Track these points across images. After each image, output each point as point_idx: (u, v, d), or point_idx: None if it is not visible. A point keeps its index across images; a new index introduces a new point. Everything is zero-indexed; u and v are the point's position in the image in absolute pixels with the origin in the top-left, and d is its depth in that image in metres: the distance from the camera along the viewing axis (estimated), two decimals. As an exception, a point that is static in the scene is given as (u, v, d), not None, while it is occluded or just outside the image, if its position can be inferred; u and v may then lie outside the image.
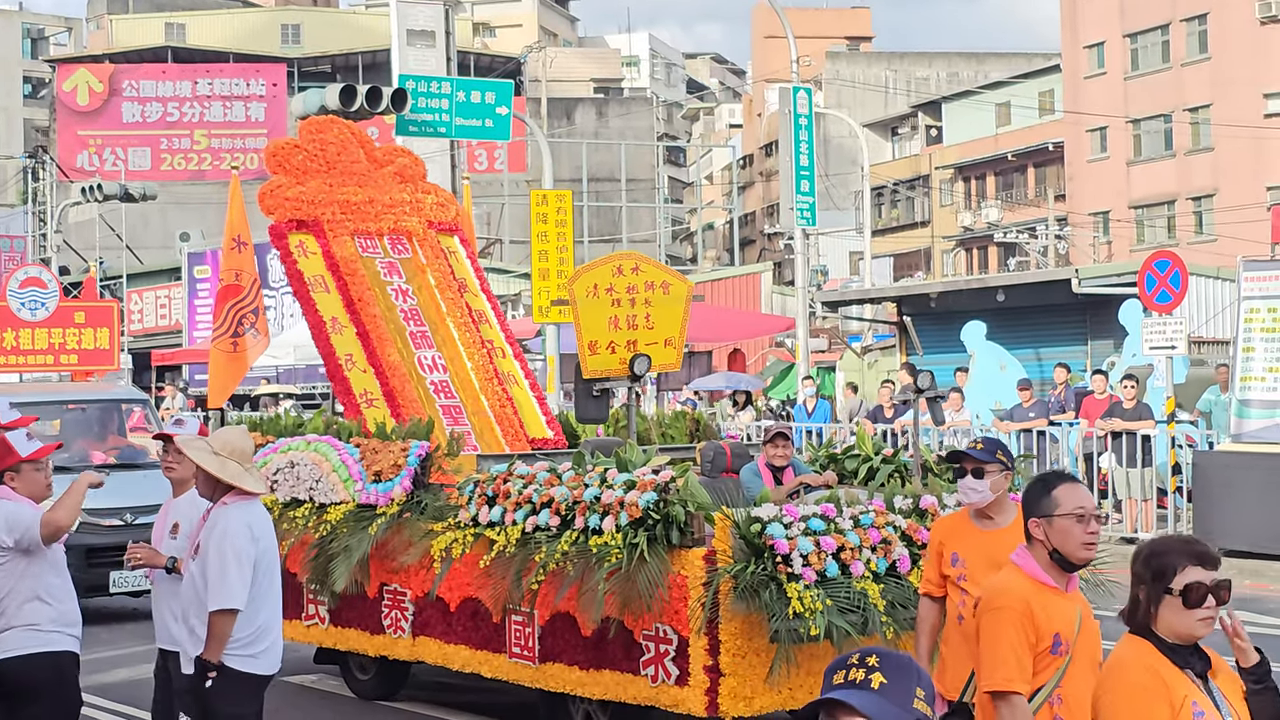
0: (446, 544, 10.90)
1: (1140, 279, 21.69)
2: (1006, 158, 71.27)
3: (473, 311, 14.18)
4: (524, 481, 10.51)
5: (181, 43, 79.08)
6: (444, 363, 13.66)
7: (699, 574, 9.29)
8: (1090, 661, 5.95)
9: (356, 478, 11.75)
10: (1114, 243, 61.57)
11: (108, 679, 14.25)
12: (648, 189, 76.47)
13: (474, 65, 69.76)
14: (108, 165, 70.13)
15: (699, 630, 9.25)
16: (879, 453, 11.86)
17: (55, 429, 18.46)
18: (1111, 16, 61.16)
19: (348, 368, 13.14)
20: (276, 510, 12.28)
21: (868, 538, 9.32)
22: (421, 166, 15.04)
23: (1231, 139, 55.60)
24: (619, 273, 12.99)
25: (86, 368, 22.22)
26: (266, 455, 12.64)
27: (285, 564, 12.01)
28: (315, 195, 13.94)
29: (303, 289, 13.48)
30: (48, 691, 8.41)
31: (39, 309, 21.78)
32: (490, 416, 13.49)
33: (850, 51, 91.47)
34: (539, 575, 10.15)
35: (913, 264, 75.34)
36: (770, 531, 8.99)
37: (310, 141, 14.25)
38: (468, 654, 11.12)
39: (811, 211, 37.14)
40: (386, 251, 14.16)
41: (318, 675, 13.76)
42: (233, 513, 8.04)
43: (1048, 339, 33.54)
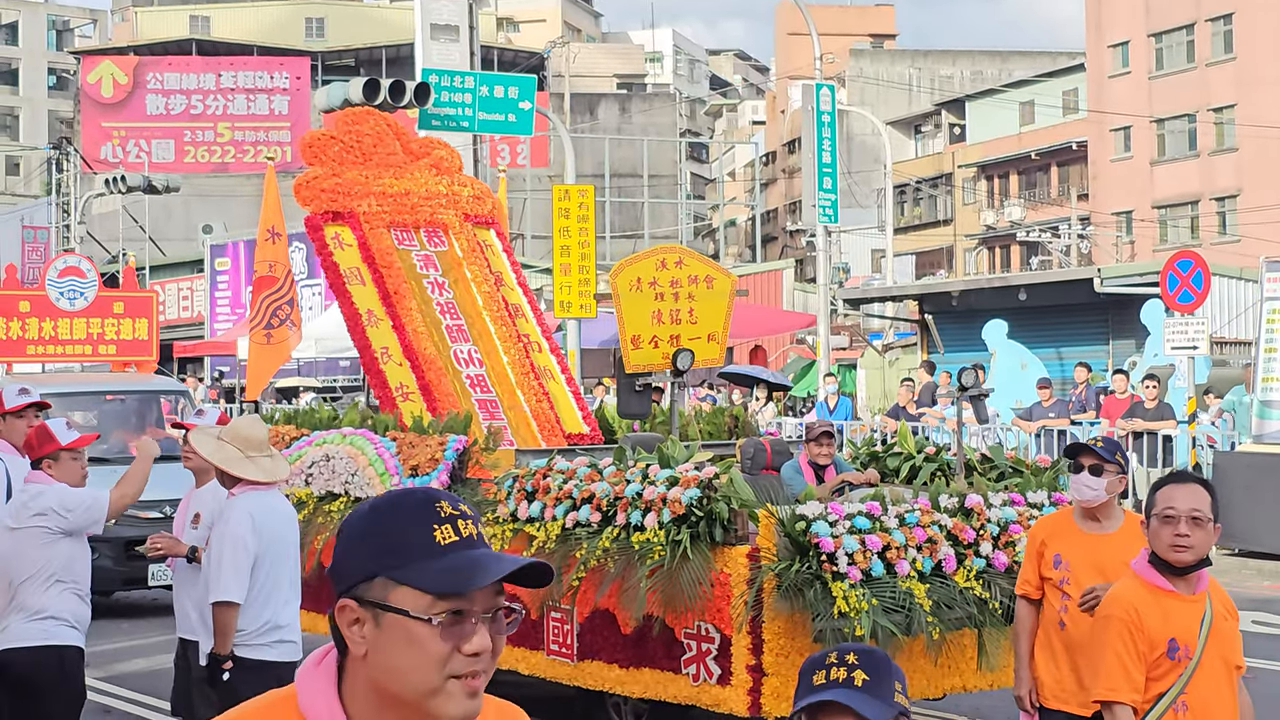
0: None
1: (1162, 279, 21.67)
2: (1030, 156, 71.13)
3: (509, 305, 14.10)
4: (564, 477, 10.42)
5: (206, 35, 79.23)
6: (480, 357, 13.58)
7: (742, 572, 9.20)
8: (1224, 665, 5.85)
9: (393, 471, 11.63)
10: (1137, 243, 61.46)
11: (127, 668, 14.28)
12: (670, 185, 76.48)
13: (497, 60, 69.76)
14: (131, 157, 70.32)
15: (742, 629, 9.17)
16: (921, 451, 11.78)
17: (93, 420, 18.51)
18: (1136, 16, 61.03)
19: (384, 361, 13.06)
20: (311, 504, 12.26)
21: (913, 537, 9.23)
22: (458, 159, 14.98)
23: (1256, 139, 55.45)
24: (662, 266, 12.90)
25: (125, 358, 22.11)
26: (301, 449, 12.56)
27: (321, 558, 12.06)
28: (351, 187, 13.87)
29: (338, 281, 13.41)
30: (50, 687, 8.42)
31: (78, 299, 21.64)
32: (526, 411, 13.40)
33: (874, 49, 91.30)
34: (579, 572, 10.07)
35: (935, 262, 75.21)
36: (815, 529, 8.90)
37: (346, 133, 14.18)
38: (504, 651, 10.89)
39: (834, 208, 37.13)
40: (423, 244, 14.08)
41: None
42: (237, 504, 8.11)
43: (1069, 338, 33.54)
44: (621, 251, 70.14)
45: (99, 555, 15.88)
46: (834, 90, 39.57)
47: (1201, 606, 5.79)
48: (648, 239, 68.72)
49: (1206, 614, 5.78)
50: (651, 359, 12.70)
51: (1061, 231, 62.61)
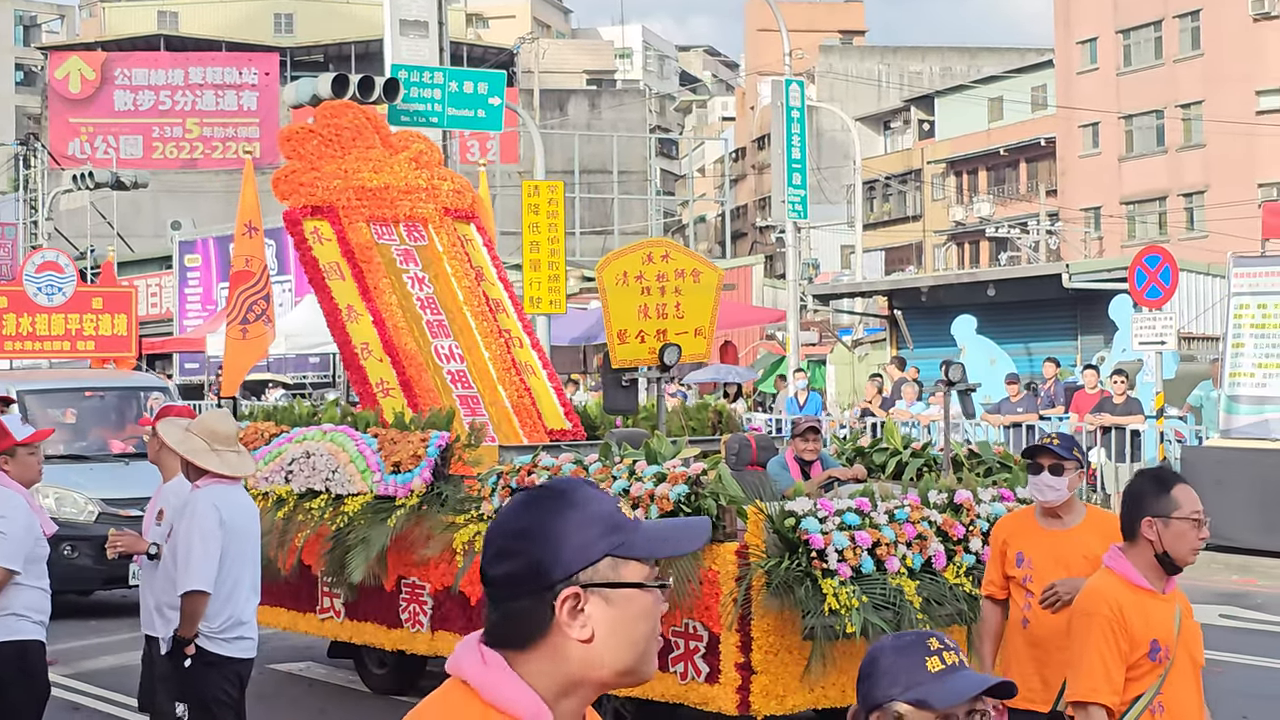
0: (469, 537, 10.64)
1: (1130, 274, 21.74)
2: (998, 152, 71.31)
3: (490, 300, 13.99)
4: (549, 473, 10.29)
5: (174, 31, 78.93)
6: (461, 352, 13.47)
7: (731, 569, 9.13)
8: (1192, 665, 5.80)
9: (374, 468, 11.52)
10: (1105, 238, 61.65)
11: (95, 666, 14.24)
12: (640, 181, 76.40)
13: (467, 56, 69.59)
14: (99, 153, 70.01)
15: (731, 627, 9.09)
16: (907, 446, 11.73)
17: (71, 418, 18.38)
18: (1104, 12, 61.22)
19: (364, 356, 12.96)
20: (292, 501, 12.16)
21: (903, 533, 9.18)
22: (437, 152, 14.85)
23: (1223, 135, 55.68)
24: (649, 260, 12.84)
25: (104, 354, 21.88)
26: (281, 445, 12.44)
27: (301, 556, 12.07)
28: (330, 181, 13.76)
29: (317, 276, 13.31)
30: (13, 682, 8.37)
31: (56, 294, 21.39)
32: (508, 407, 13.28)
33: (843, 45, 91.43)
34: None
35: (904, 258, 75.38)
36: (805, 526, 8.84)
37: (325, 126, 14.07)
38: None
39: (803, 204, 37.19)
40: (402, 238, 13.99)
41: (347, 672, 13.73)
42: (202, 496, 8.09)
43: (1038, 333, 33.66)
44: (592, 248, 70.11)
45: (78, 554, 15.92)
46: (803, 86, 39.61)
47: (1174, 605, 5.75)
48: (617, 235, 68.67)
49: (1177, 612, 5.74)
50: (638, 354, 12.63)
51: (1030, 227, 62.79)
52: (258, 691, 8.54)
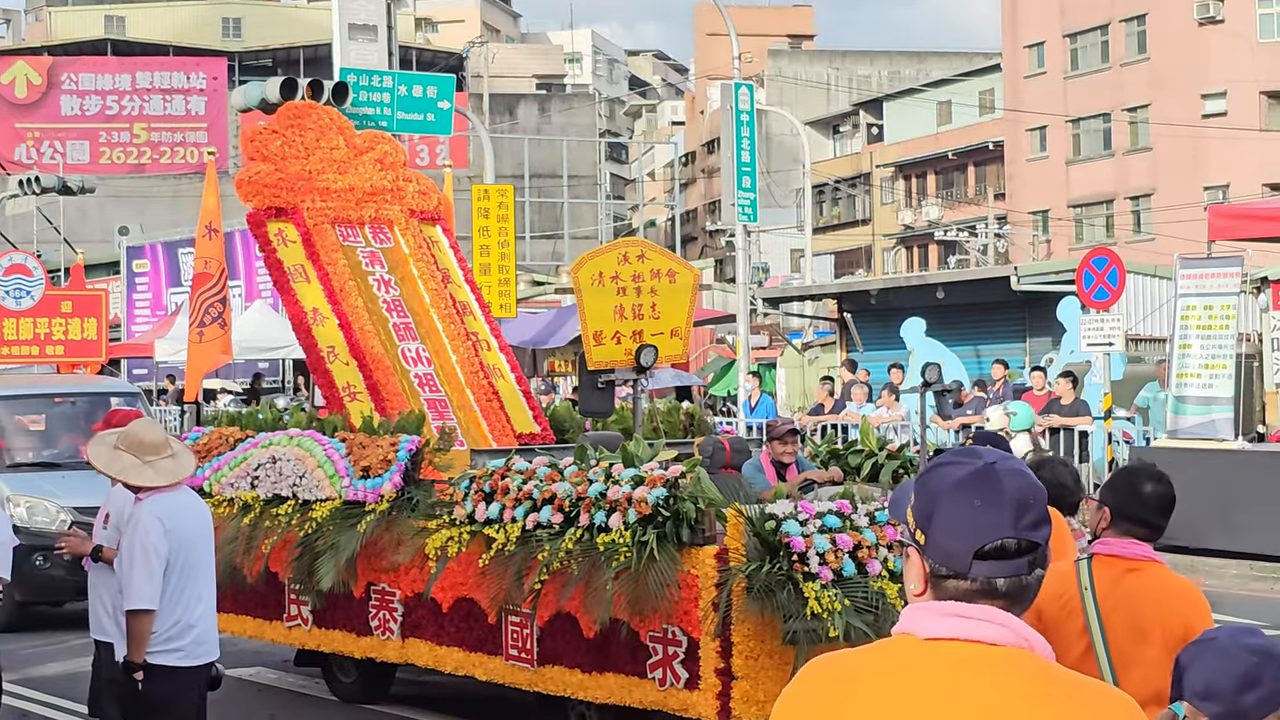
0: (442, 542, 10.49)
1: (1078, 276, 21.80)
2: (947, 156, 71.54)
3: (457, 303, 13.84)
4: (523, 477, 10.17)
5: (121, 35, 78.47)
6: (428, 355, 13.32)
7: (710, 573, 9.03)
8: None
9: (343, 474, 11.36)
10: (1053, 241, 61.93)
11: (44, 672, 14.12)
12: (590, 185, 76.36)
13: (416, 60, 69.43)
14: (46, 158, 69.52)
15: (711, 632, 8.98)
16: (883, 448, 11.64)
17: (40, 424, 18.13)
18: (1051, 16, 61.52)
19: (330, 360, 12.80)
20: (258, 507, 12.00)
21: (884, 535, 9.08)
22: (402, 154, 14.70)
23: (1169, 139, 56.02)
24: (624, 260, 12.73)
25: (74, 359, 21.46)
26: (247, 450, 12.27)
27: (268, 563, 11.92)
28: (294, 182, 13.60)
29: (282, 278, 13.14)
30: None
31: (24, 298, 20.91)
32: (476, 411, 13.12)
33: (792, 49, 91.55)
34: (542, 575, 9.81)
35: (853, 261, 75.53)
36: (786, 529, 8.73)
37: (288, 127, 13.91)
38: (461, 656, 10.75)
39: (753, 207, 37.20)
40: (368, 240, 13.84)
41: (297, 677, 13.61)
42: (144, 508, 8.03)
43: (987, 336, 33.74)
44: (541, 252, 70.01)
45: (50, 565, 15.72)
46: (753, 89, 39.67)
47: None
48: (567, 239, 68.63)
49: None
50: (614, 355, 12.52)
51: (979, 231, 63.01)
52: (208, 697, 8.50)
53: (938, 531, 2.95)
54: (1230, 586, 18.41)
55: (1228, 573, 19.08)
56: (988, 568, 2.91)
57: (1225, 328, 20.41)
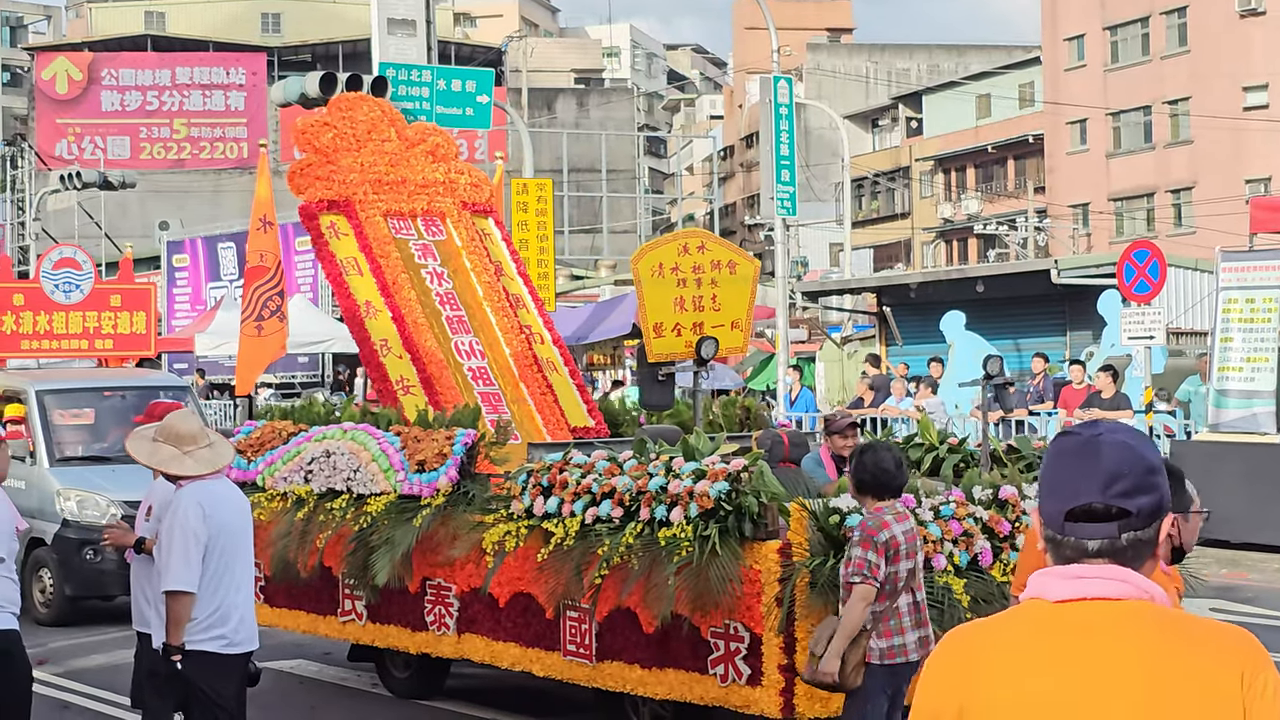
0: (499, 537, 10.39)
1: (1119, 269, 21.69)
2: (986, 150, 71.31)
3: (510, 296, 13.75)
4: (582, 471, 10.05)
5: (161, 31, 78.74)
6: (482, 349, 13.21)
7: (773, 568, 8.89)
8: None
9: (398, 467, 11.22)
10: (1093, 235, 61.69)
11: (86, 664, 14.17)
12: (628, 180, 76.36)
13: (455, 55, 69.51)
14: (87, 154, 69.78)
15: (774, 627, 8.84)
16: (944, 441, 11.51)
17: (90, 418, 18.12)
18: (1092, 9, 61.27)
19: (383, 353, 12.70)
20: (311, 501, 11.93)
21: (949, 530, 8.95)
22: (454, 146, 14.61)
23: (1210, 131, 55.77)
24: (684, 251, 12.59)
25: (123, 353, 21.36)
26: (300, 444, 12.17)
27: (322, 558, 11.86)
28: (346, 174, 13.53)
29: (335, 271, 13.07)
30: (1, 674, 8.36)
31: (73, 291, 20.79)
32: (530, 404, 13.00)
33: (831, 43, 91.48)
34: (602, 570, 9.69)
35: (893, 255, 75.38)
36: (850, 523, 8.57)
37: (340, 119, 13.85)
38: (518, 652, 10.64)
39: (792, 201, 37.15)
40: (420, 233, 13.73)
41: (338, 670, 13.60)
42: (185, 494, 8.12)
43: (1026, 329, 33.65)
44: (580, 247, 70.02)
45: (100, 559, 15.74)
46: (791, 83, 39.61)
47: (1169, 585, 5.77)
48: (606, 234, 68.69)
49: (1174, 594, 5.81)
50: (674, 347, 12.38)
51: (1018, 224, 62.83)
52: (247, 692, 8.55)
53: (1043, 493, 3.20)
54: (1273, 581, 18.31)
55: (1270, 566, 18.98)
56: (1077, 529, 3.11)
57: (1267, 321, 20.31)
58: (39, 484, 16.82)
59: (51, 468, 16.98)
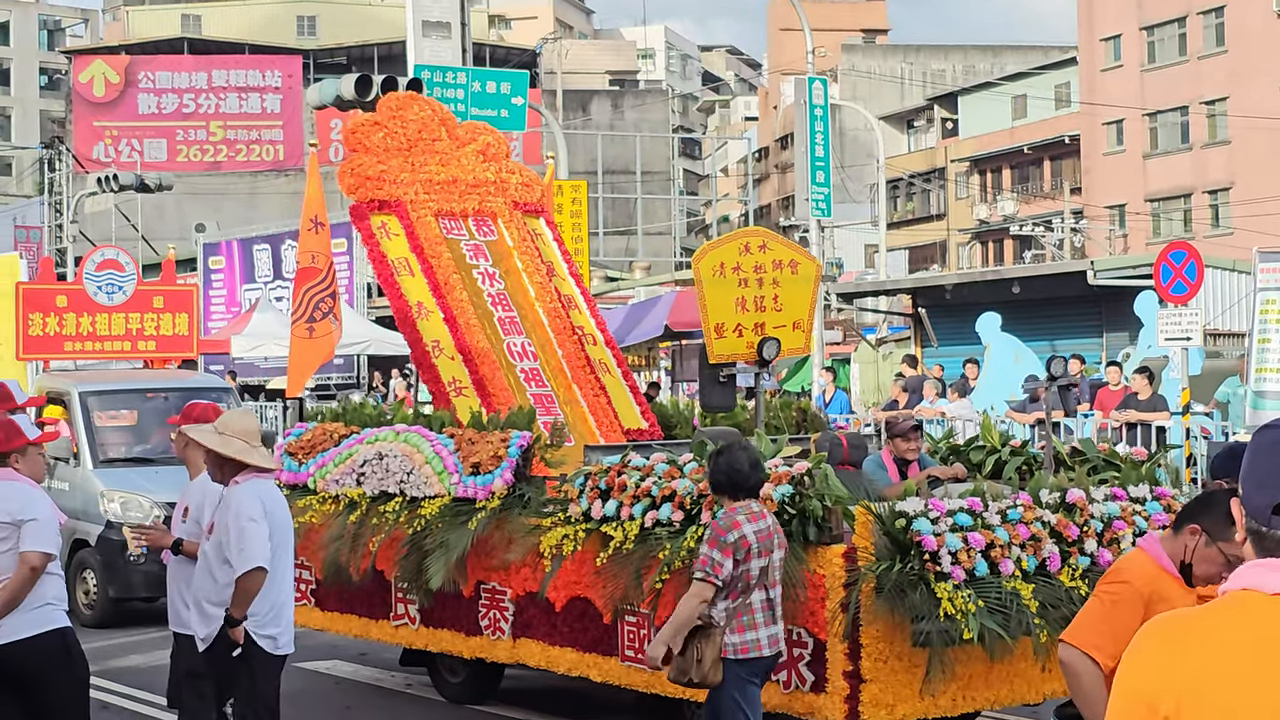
0: (556, 540, 10.24)
1: (1156, 270, 21.54)
2: (1022, 150, 71.02)
3: (562, 297, 13.60)
4: (641, 474, 9.90)
5: (197, 34, 78.99)
6: (534, 350, 13.08)
7: (838, 573, 8.75)
8: None
9: (452, 470, 11.09)
10: (1130, 236, 61.45)
11: (124, 664, 14.19)
12: (663, 181, 76.31)
13: (489, 57, 69.58)
14: (124, 156, 69.97)
15: (839, 633, 8.69)
16: (1006, 444, 11.34)
17: (133, 419, 18.15)
18: (1129, 9, 61.03)
19: (435, 354, 12.59)
20: (364, 505, 11.85)
21: (1017, 534, 8.78)
22: (505, 145, 14.52)
23: (1248, 132, 55.50)
24: (746, 251, 12.41)
25: (165, 355, 21.34)
26: (352, 446, 12.07)
27: (375, 562, 11.77)
28: (397, 174, 13.43)
29: (386, 272, 12.94)
30: (58, 672, 8.34)
31: (116, 293, 20.76)
32: (584, 406, 12.85)
33: (866, 44, 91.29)
34: (663, 574, 9.53)
35: (928, 257, 75.17)
36: (917, 527, 8.47)
37: (390, 118, 13.75)
38: (574, 657, 10.52)
39: (827, 202, 37.12)
40: (471, 233, 13.62)
41: (373, 670, 13.61)
42: (244, 489, 8.19)
43: (1063, 331, 33.57)
44: (615, 248, 69.97)
45: (145, 560, 15.74)
46: (826, 84, 39.58)
47: (1192, 597, 5.65)
48: (640, 235, 68.67)
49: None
50: (736, 348, 12.21)
51: (1054, 225, 62.61)
52: (282, 689, 8.58)
53: (1249, 486, 3.21)
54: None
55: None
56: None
57: (1306, 321, 20.21)
58: (82, 485, 16.86)
59: (95, 469, 17.02)
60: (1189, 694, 3.02)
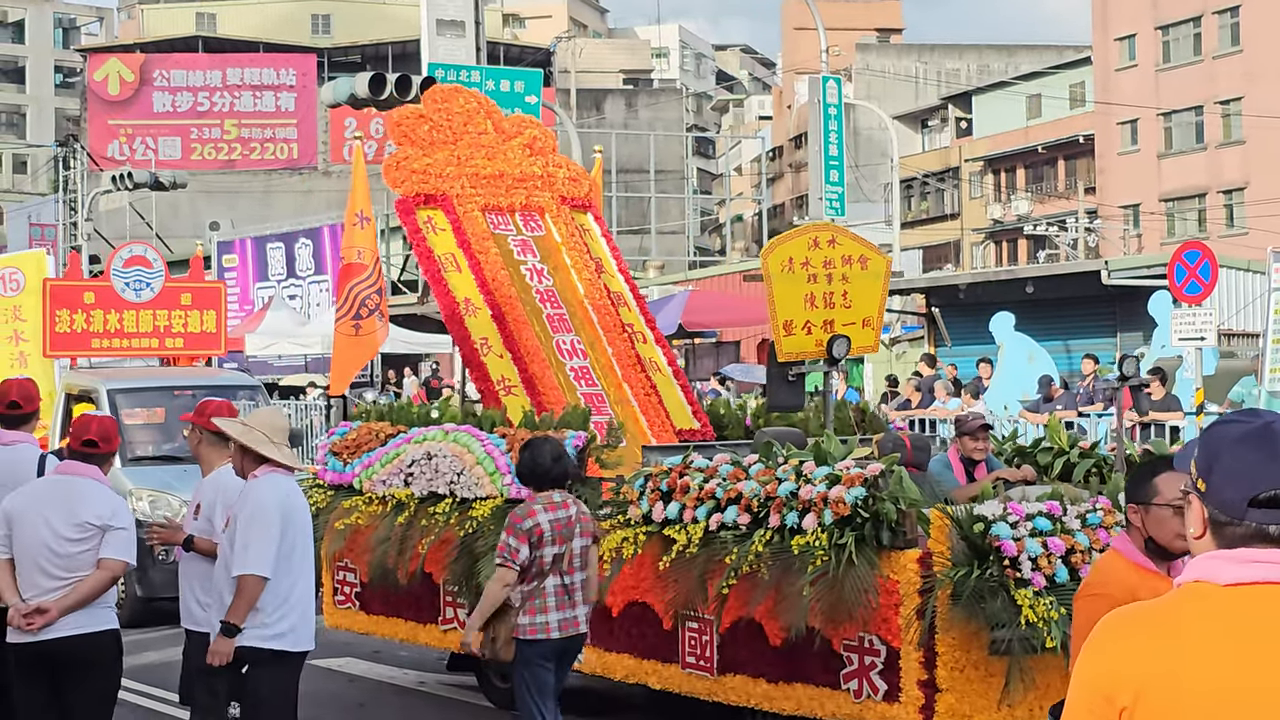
0: (616, 543, 10.00)
1: (1170, 270, 21.46)
2: (1036, 150, 70.91)
3: (611, 293, 13.38)
4: (704, 475, 9.64)
5: (212, 32, 79.00)
6: (584, 348, 12.84)
7: (913, 578, 8.52)
8: None
9: (504, 470, 10.83)
10: (1144, 236, 61.36)
11: (137, 661, 14.09)
12: (677, 180, 76.14)
13: (504, 56, 69.48)
14: (138, 154, 69.98)
15: (913, 641, 8.46)
16: (1074, 445, 11.10)
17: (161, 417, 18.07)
18: (1143, 8, 60.94)
19: (484, 352, 12.37)
20: (412, 506, 11.63)
21: (1097, 539, 8.51)
22: (552, 139, 14.34)
23: (1263, 131, 55.42)
24: (814, 245, 12.16)
25: (193, 352, 21.17)
26: (399, 446, 11.82)
27: (423, 564, 11.56)
28: (443, 168, 13.22)
29: (433, 267, 12.73)
30: (108, 668, 8.42)
31: (144, 289, 20.49)
32: (635, 406, 12.59)
33: (880, 44, 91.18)
34: (730, 578, 9.29)
35: (942, 256, 75.05)
36: (996, 531, 8.23)
37: (436, 111, 13.55)
38: (632, 663, 10.29)
39: (840, 201, 37.08)
40: (519, 228, 13.42)
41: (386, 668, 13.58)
42: (261, 484, 8.12)
43: (1076, 330, 33.48)
44: (628, 247, 69.83)
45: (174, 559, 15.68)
46: (840, 82, 39.54)
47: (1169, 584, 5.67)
48: (654, 234, 68.53)
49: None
50: (804, 346, 11.97)
51: (1069, 225, 62.52)
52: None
53: (1217, 480, 3.22)
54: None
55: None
56: (1261, 515, 3.17)
57: (1319, 322, 20.15)
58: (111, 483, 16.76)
59: (124, 467, 16.90)
60: (1147, 686, 3.10)
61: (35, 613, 8.08)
